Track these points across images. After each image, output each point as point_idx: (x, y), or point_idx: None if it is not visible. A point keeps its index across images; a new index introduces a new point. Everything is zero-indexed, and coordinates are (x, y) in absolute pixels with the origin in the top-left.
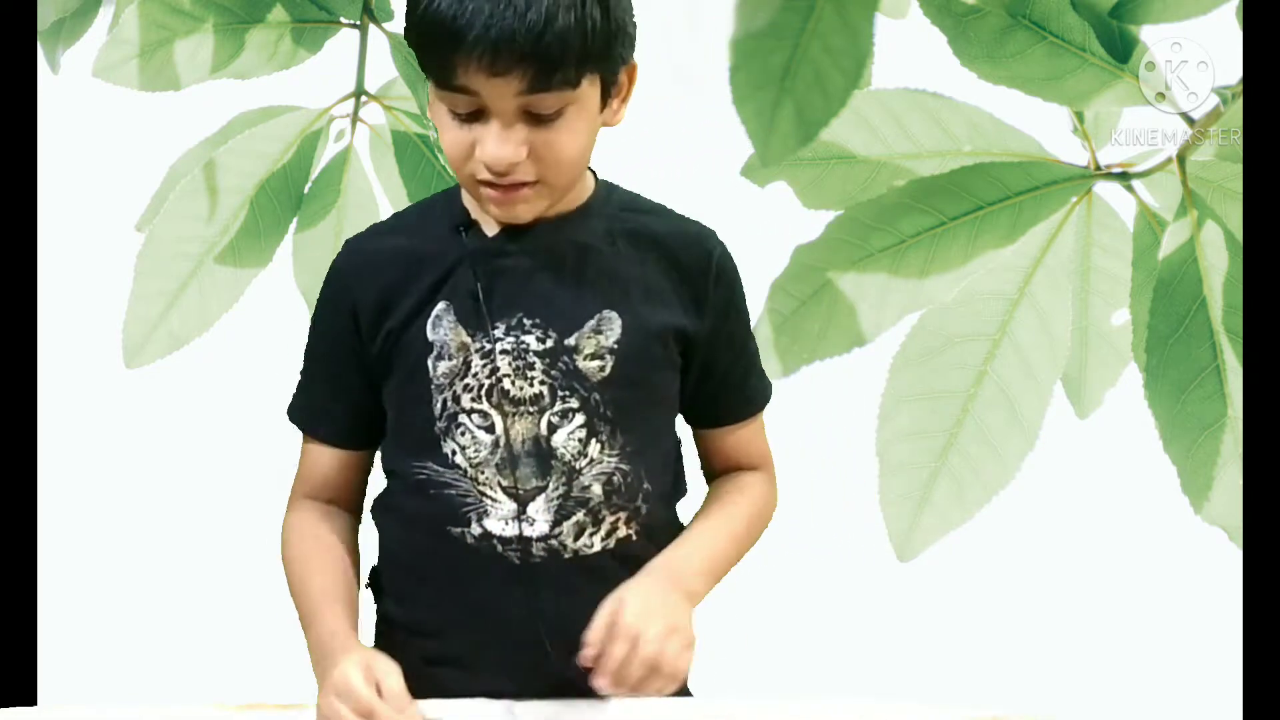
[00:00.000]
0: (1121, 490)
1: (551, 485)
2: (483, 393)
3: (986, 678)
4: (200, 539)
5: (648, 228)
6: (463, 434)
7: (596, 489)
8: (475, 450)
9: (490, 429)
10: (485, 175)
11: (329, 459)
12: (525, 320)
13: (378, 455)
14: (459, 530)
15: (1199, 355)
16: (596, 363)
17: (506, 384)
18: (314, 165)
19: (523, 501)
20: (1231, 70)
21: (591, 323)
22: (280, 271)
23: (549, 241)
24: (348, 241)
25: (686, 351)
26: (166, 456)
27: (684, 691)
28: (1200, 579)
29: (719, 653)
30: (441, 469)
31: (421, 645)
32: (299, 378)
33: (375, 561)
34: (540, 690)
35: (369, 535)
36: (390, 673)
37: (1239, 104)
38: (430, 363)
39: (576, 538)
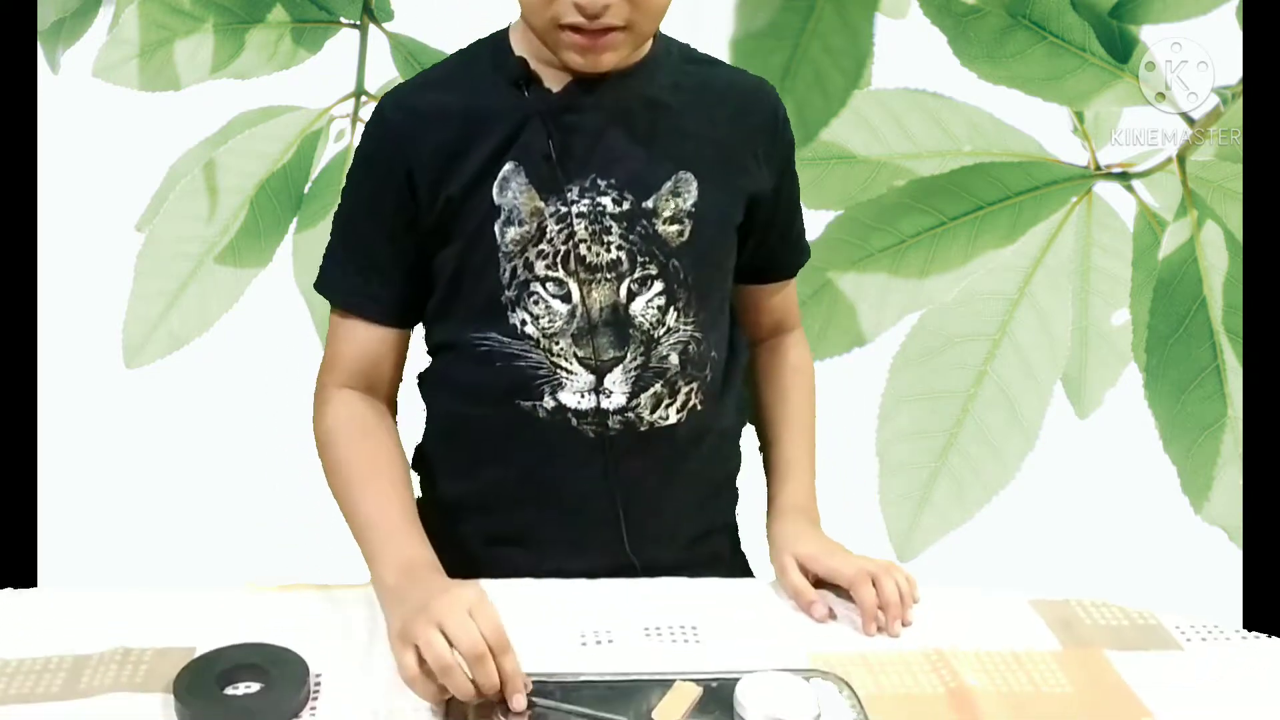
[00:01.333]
0: (1121, 490)
1: (629, 356)
2: (558, 259)
3: None
4: (200, 538)
5: (712, 80)
6: (535, 303)
7: (674, 359)
8: (549, 320)
9: (566, 297)
10: (572, 19)
11: (375, 340)
12: (600, 181)
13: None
14: (529, 404)
15: (1199, 355)
16: (675, 227)
17: (583, 249)
18: (314, 165)
19: (600, 373)
20: (1231, 70)
21: (669, 184)
22: (280, 271)
23: (618, 96)
24: (392, 95)
25: (752, 210)
26: (166, 456)
27: None
28: (1200, 579)
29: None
30: (508, 340)
31: (482, 523)
32: (332, 249)
33: (420, 440)
34: (609, 569)
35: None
36: (494, 615)
37: (1239, 104)
38: (497, 228)
39: (654, 409)
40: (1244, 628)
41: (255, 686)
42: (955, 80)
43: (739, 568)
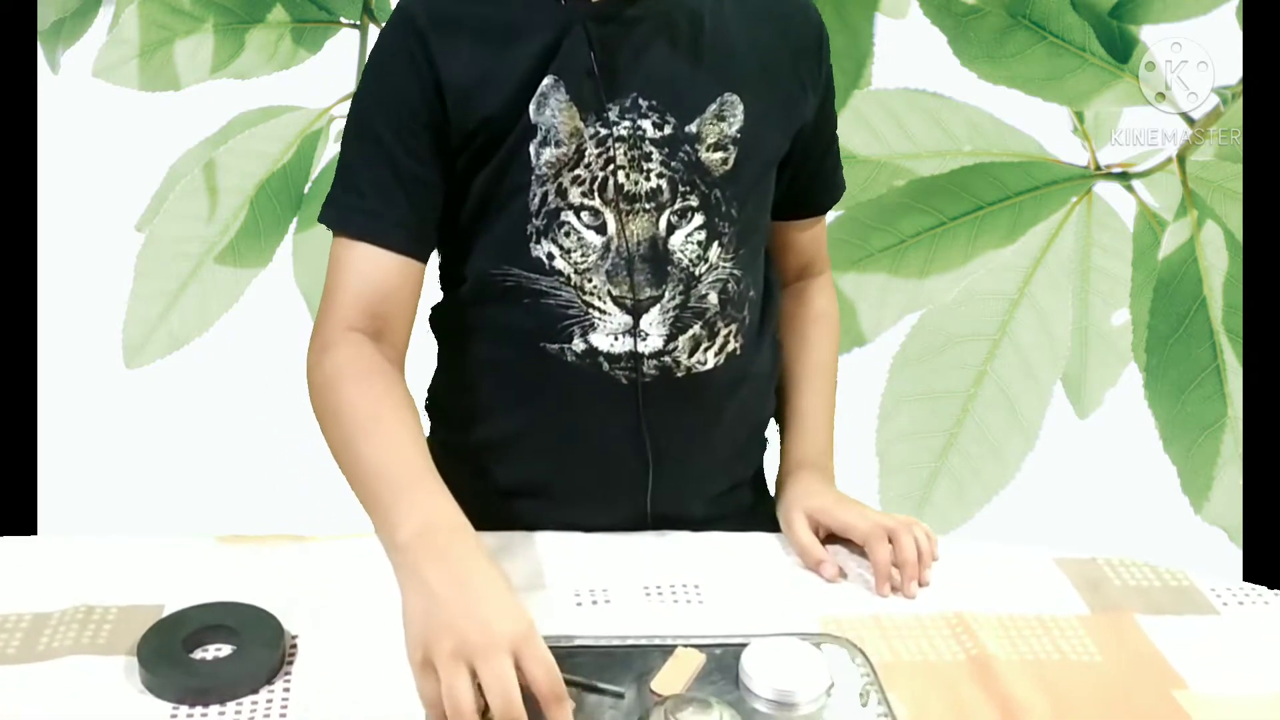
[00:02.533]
0: (1122, 490)
1: (668, 294)
2: (595, 186)
3: None
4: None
5: None
6: (566, 234)
7: (713, 299)
8: (582, 254)
9: (601, 229)
10: None
11: (389, 270)
12: (641, 101)
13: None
14: (556, 346)
15: (1199, 355)
16: (719, 154)
17: (621, 177)
18: (314, 165)
19: (636, 313)
20: (1231, 70)
21: (714, 107)
22: (280, 271)
23: (661, 7)
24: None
25: (797, 134)
26: (166, 457)
27: None
28: None
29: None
30: (535, 275)
31: (497, 474)
32: (342, 171)
33: (430, 384)
34: (635, 523)
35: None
36: (543, 660)
37: (1239, 104)
38: (533, 149)
39: (691, 353)
40: None
41: (225, 650)
42: (955, 80)
43: (764, 520)
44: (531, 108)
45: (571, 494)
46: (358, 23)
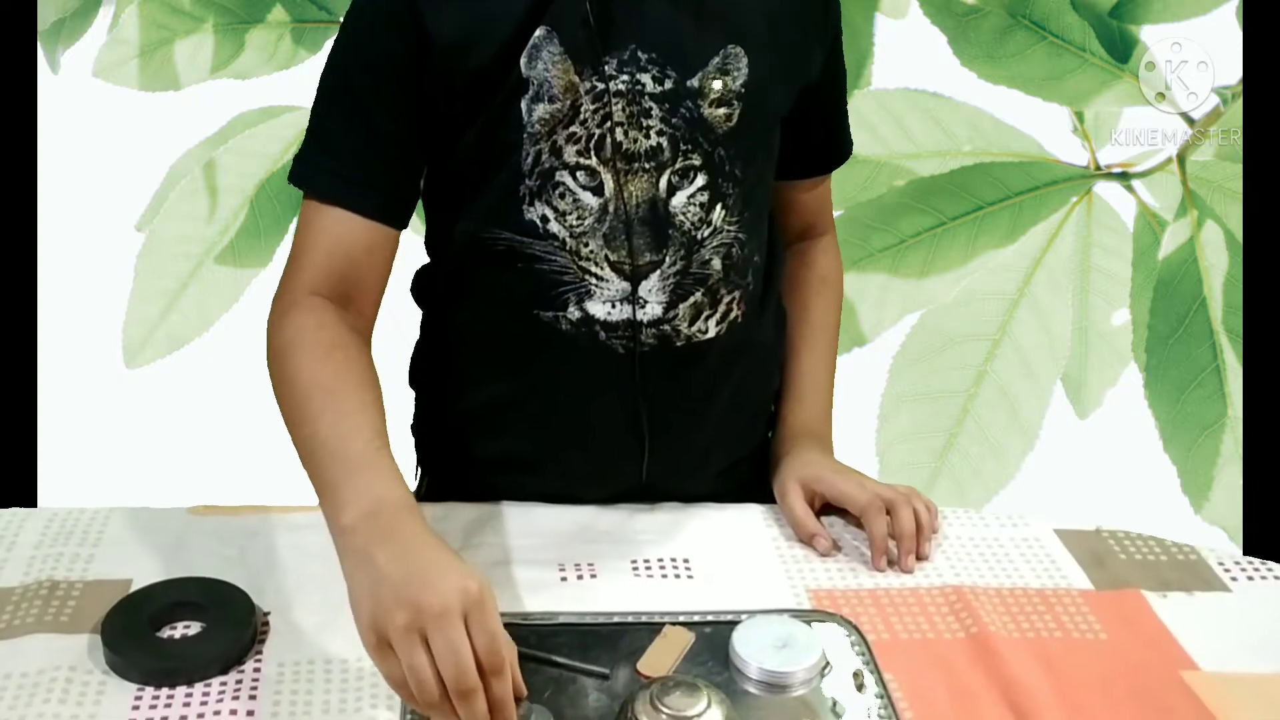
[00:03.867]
0: (1121, 490)
1: (668, 259)
2: (591, 144)
3: None
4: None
5: None
6: (561, 195)
7: (716, 264)
8: (578, 217)
9: (598, 189)
10: None
11: (359, 236)
12: (640, 54)
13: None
14: (550, 314)
15: (1199, 355)
16: (722, 110)
17: (620, 134)
18: None
19: (635, 279)
20: (1231, 70)
21: (716, 60)
22: (280, 271)
23: None
24: None
25: (800, 91)
26: (166, 457)
27: None
28: None
29: None
30: (528, 238)
31: (485, 447)
32: (313, 129)
33: (413, 353)
34: (628, 498)
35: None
36: (491, 623)
37: (1239, 104)
38: (524, 105)
39: (692, 322)
40: None
41: (194, 628)
42: (955, 80)
43: (764, 499)
44: (523, 61)
45: (562, 467)
46: None
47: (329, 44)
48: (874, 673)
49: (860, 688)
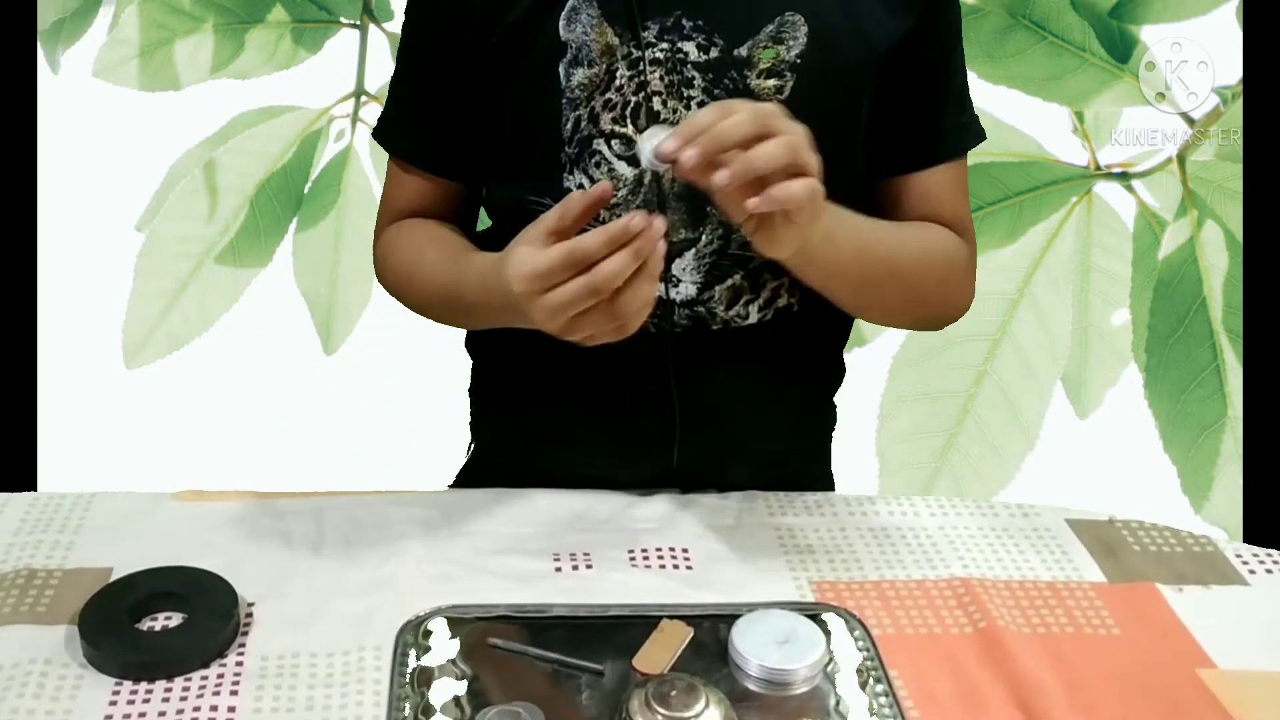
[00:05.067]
0: (1122, 490)
1: (705, 238)
2: (627, 112)
3: None
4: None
5: None
6: (597, 164)
7: None
8: (613, 187)
9: (634, 160)
10: None
11: (430, 194)
12: (685, 21)
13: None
14: None
15: (1199, 355)
16: (773, 81)
17: (656, 103)
18: (314, 165)
19: (669, 256)
20: (1231, 70)
21: (770, 28)
22: (280, 271)
23: None
24: None
25: (882, 65)
26: (166, 457)
27: None
28: None
29: None
30: None
31: (522, 418)
32: (392, 86)
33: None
34: (659, 482)
35: None
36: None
37: (1239, 104)
38: (563, 69)
39: (730, 305)
40: None
41: (175, 619)
42: None
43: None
44: (561, 23)
45: (594, 446)
46: (358, 23)
47: (329, 44)
48: (879, 670)
49: (864, 685)
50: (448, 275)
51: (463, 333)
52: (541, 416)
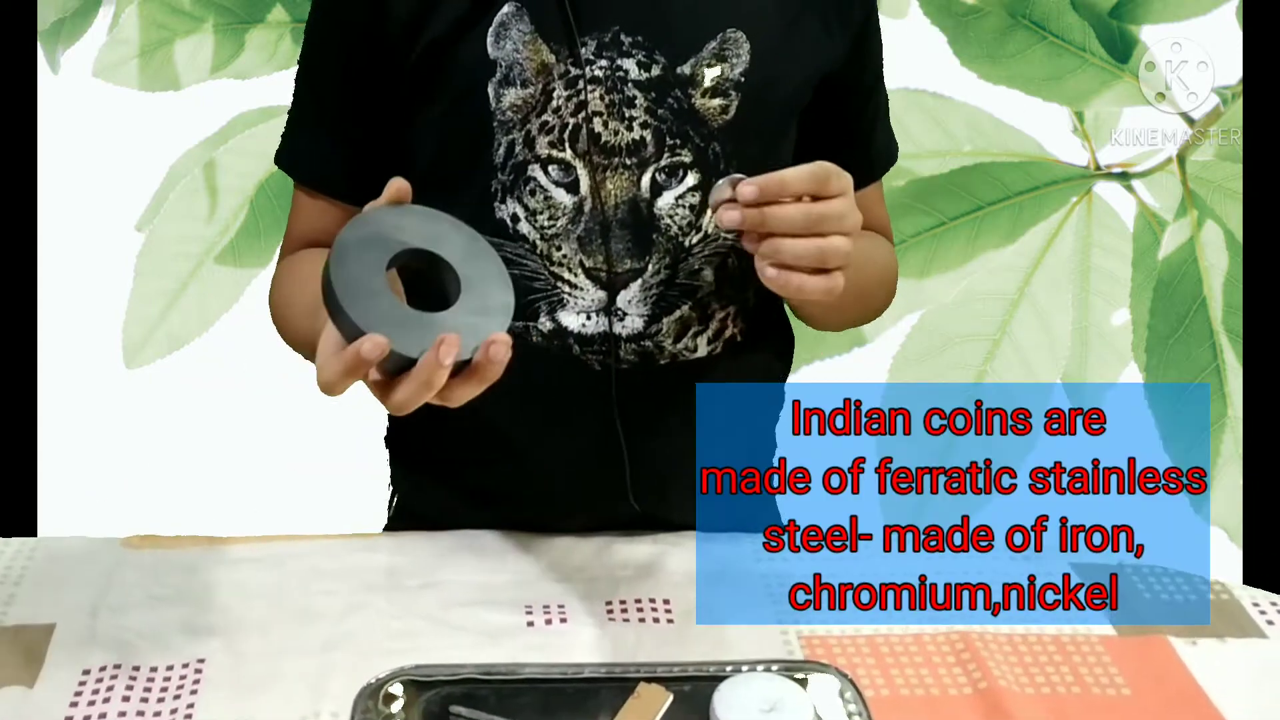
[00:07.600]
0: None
1: (650, 268)
2: (565, 135)
3: None
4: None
5: None
6: (532, 192)
7: (707, 274)
8: (550, 216)
9: (573, 186)
10: None
11: (328, 220)
12: (624, 37)
13: None
14: (521, 324)
15: (1199, 355)
16: (718, 100)
17: (597, 125)
18: None
19: (613, 288)
20: (1231, 70)
21: (712, 44)
22: None
23: None
24: None
25: (819, 86)
26: (166, 457)
27: None
28: None
29: None
30: (498, 239)
31: (455, 477)
32: (291, 108)
33: None
34: (608, 527)
35: None
36: None
37: (1239, 104)
38: (492, 89)
39: (678, 338)
40: None
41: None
42: (955, 80)
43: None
44: (489, 40)
45: (536, 493)
46: None
47: None
48: None
49: None
50: (310, 332)
51: None
52: (475, 474)
